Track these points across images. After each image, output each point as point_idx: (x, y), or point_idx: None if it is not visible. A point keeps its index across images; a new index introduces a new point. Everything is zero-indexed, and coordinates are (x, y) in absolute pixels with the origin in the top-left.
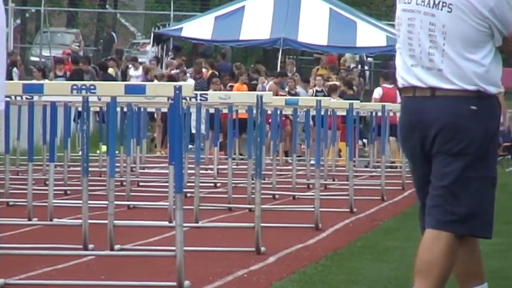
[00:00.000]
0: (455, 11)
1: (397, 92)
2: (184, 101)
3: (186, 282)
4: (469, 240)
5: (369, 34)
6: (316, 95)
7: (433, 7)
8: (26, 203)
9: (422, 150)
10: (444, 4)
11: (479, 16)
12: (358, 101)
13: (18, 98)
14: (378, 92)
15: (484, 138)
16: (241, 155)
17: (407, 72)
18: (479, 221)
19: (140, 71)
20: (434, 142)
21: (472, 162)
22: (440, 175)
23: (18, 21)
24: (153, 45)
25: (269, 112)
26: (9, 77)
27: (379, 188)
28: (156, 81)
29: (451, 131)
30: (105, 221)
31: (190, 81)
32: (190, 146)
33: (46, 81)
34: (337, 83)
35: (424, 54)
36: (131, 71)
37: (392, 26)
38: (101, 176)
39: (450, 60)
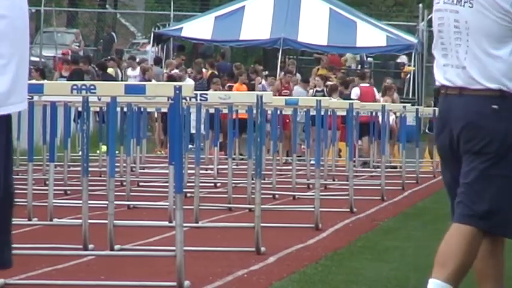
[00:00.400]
0: (477, 6)
1: (375, 90)
2: (184, 101)
3: (186, 282)
4: (491, 241)
5: (369, 34)
6: (315, 95)
7: (456, 4)
8: (26, 203)
9: (451, 149)
10: (466, 0)
11: (501, 10)
12: (358, 101)
13: None
14: (355, 93)
15: (505, 137)
16: (241, 155)
17: (440, 72)
18: (500, 219)
19: (138, 71)
20: (459, 141)
21: (494, 160)
22: (464, 173)
23: None
24: (153, 45)
25: (269, 112)
26: None
27: (379, 188)
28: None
29: (472, 130)
30: (105, 221)
31: (189, 81)
32: (190, 146)
33: (45, 81)
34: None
35: (453, 52)
36: (129, 71)
37: (392, 26)
38: (101, 176)
39: (474, 56)
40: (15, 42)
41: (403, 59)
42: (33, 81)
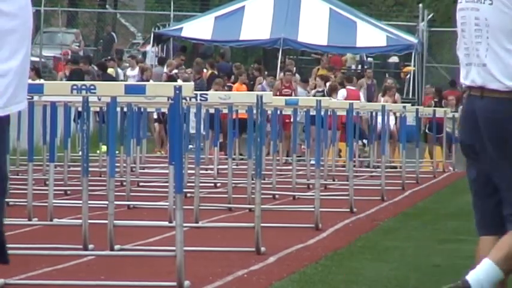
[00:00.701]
0: (496, 3)
1: (361, 94)
2: (184, 101)
3: (186, 282)
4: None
5: (369, 34)
6: (315, 96)
7: (477, 1)
8: (26, 203)
9: (473, 150)
10: None
11: None
12: (358, 101)
13: None
14: (341, 94)
15: None
16: (241, 155)
17: (464, 72)
18: None
19: (136, 71)
20: (482, 144)
21: None
22: (507, 181)
23: None
24: (153, 45)
25: (269, 112)
26: None
27: (379, 188)
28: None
29: (493, 134)
30: (105, 221)
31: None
32: (190, 146)
33: (45, 81)
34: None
35: (474, 50)
36: (128, 71)
37: (392, 26)
38: (101, 176)
39: (494, 53)
40: (24, 41)
41: (394, 59)
42: (33, 81)
